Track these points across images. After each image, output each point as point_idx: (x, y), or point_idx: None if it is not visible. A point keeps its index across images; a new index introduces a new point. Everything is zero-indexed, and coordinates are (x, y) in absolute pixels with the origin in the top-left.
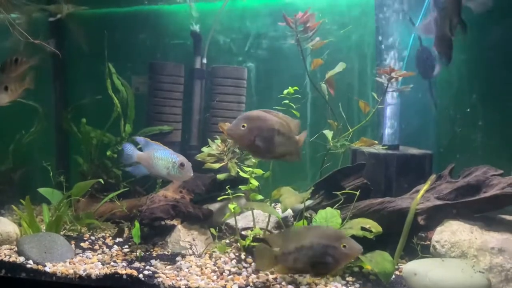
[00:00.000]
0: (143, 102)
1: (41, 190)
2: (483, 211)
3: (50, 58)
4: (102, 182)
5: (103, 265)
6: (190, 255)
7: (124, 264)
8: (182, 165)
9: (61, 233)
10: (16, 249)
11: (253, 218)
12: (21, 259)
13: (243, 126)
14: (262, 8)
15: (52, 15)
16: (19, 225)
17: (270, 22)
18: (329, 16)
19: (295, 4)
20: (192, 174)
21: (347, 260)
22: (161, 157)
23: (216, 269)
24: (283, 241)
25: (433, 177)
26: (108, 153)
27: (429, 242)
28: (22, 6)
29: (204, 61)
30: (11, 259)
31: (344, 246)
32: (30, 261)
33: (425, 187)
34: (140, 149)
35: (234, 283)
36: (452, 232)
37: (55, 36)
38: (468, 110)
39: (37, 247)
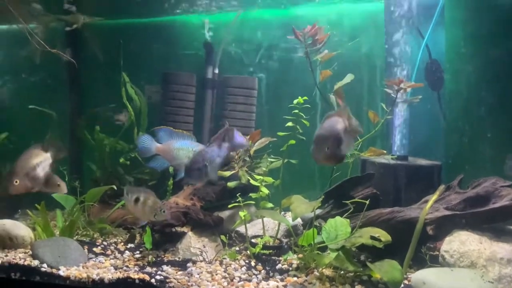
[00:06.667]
0: (155, 111)
1: (55, 195)
2: (492, 222)
3: (66, 67)
4: (115, 188)
5: (115, 269)
6: (201, 261)
7: (136, 269)
8: None
9: (74, 238)
10: (30, 252)
11: (263, 226)
12: (35, 262)
13: None
14: (274, 20)
15: (69, 25)
16: (34, 229)
17: (281, 34)
18: (339, 29)
19: (305, 17)
20: None
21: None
22: (181, 147)
23: (227, 276)
24: None
25: (442, 187)
26: (121, 160)
27: (438, 253)
28: (40, 17)
29: (216, 71)
30: (25, 263)
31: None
32: (44, 265)
33: (434, 197)
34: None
35: None
36: (461, 242)
37: (71, 45)
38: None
39: (51, 251)
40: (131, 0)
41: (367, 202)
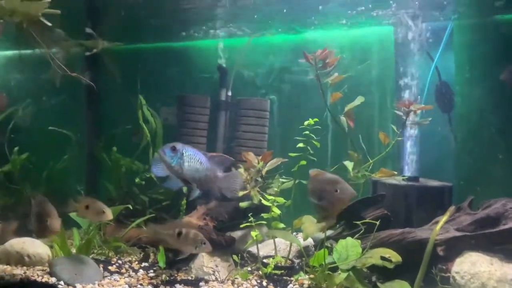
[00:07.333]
0: (171, 132)
1: (72, 214)
2: (503, 243)
3: (85, 90)
4: (131, 208)
5: (130, 287)
6: (213, 280)
7: (150, 287)
8: None
9: (90, 256)
10: (48, 270)
11: (275, 246)
12: (53, 279)
13: None
14: (285, 44)
15: (89, 50)
16: (51, 247)
17: (292, 57)
18: (349, 52)
19: (316, 41)
20: None
21: (340, 204)
22: None
23: None
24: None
25: (452, 208)
26: (137, 180)
27: (449, 274)
28: (61, 42)
29: (229, 93)
30: (43, 280)
31: (337, 191)
32: (61, 282)
33: (444, 218)
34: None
35: None
36: (472, 263)
37: (90, 69)
38: None
39: (68, 269)
40: (148, 27)
41: (378, 223)
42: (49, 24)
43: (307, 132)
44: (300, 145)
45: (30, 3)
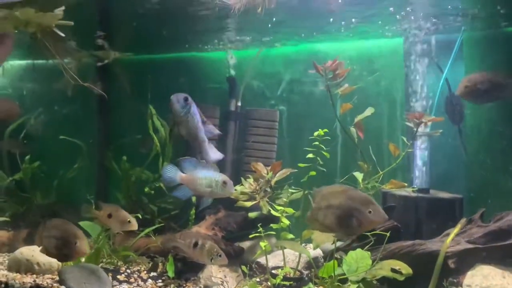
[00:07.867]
0: (180, 142)
1: (82, 223)
2: None
3: (96, 100)
4: (140, 217)
5: None
6: None
7: None
8: (224, 183)
9: (99, 265)
10: (57, 278)
11: (284, 257)
12: None
13: None
14: (295, 54)
15: (100, 60)
16: None
17: (302, 68)
18: (359, 63)
19: (325, 51)
20: (233, 191)
21: (370, 226)
22: (205, 177)
23: None
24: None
25: (463, 220)
26: (146, 189)
27: (460, 287)
28: (73, 52)
29: (239, 103)
30: None
31: (370, 212)
32: None
33: (455, 230)
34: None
35: None
36: (484, 277)
37: (102, 79)
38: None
39: (77, 277)
40: (159, 38)
41: (388, 234)
42: (62, 35)
43: (316, 142)
44: (310, 155)
45: (44, 14)
